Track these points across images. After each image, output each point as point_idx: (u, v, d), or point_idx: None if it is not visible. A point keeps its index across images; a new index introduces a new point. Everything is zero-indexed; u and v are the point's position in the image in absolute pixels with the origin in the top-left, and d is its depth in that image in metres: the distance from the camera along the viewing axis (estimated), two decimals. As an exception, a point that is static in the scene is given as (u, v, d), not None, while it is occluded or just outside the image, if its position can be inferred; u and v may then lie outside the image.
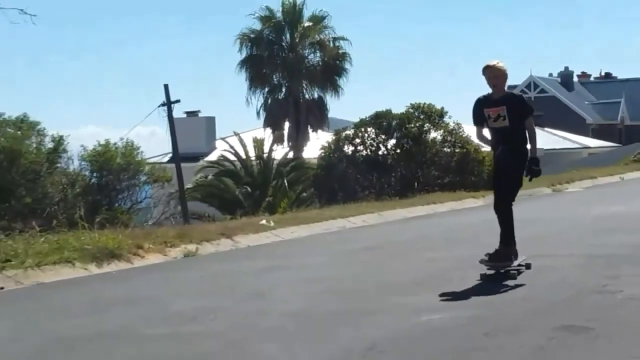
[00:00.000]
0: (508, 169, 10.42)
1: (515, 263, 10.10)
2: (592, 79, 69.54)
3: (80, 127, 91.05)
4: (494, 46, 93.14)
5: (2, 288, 12.27)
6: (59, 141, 29.91)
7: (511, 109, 10.10)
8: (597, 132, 54.10)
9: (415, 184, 25.11)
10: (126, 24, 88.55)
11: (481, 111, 10.42)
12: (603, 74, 69.95)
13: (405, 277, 11.98)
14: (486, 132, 11.02)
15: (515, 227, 11.31)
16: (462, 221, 12.73)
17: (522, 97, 10.73)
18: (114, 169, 29.58)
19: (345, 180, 25.70)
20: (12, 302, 11.91)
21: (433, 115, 27.08)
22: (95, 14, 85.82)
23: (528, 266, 10.34)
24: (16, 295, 12.23)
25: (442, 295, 10.02)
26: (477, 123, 10.81)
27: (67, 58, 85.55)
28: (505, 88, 10.55)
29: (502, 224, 10.39)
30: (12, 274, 12.87)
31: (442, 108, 28.15)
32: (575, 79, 67.05)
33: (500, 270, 10.00)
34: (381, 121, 27.09)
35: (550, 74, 64.30)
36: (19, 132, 28.25)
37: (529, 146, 10.58)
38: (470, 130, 24.70)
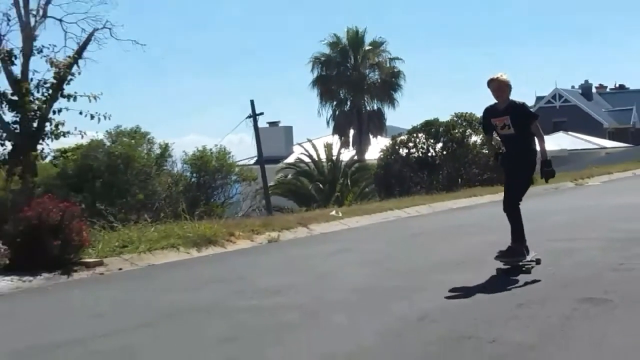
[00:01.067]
0: (518, 173, 10.24)
1: (528, 258, 9.76)
2: (608, 89, 70.47)
3: (182, 135, 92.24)
4: (525, 62, 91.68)
5: (120, 269, 12.65)
6: (165, 148, 30.82)
7: (515, 118, 9.96)
8: (613, 135, 54.50)
9: (459, 180, 26.07)
10: (219, 49, 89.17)
11: (489, 121, 10.39)
12: (617, 85, 69.76)
13: (450, 257, 12.14)
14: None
15: (544, 216, 11.84)
16: (499, 211, 12.90)
17: (524, 105, 10.42)
18: (209, 170, 30.37)
19: (400, 178, 26.30)
20: (128, 280, 12.43)
21: (474, 122, 28.06)
22: (194, 43, 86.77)
23: (538, 261, 9.92)
24: (131, 275, 12.64)
25: (479, 273, 10.08)
26: (487, 132, 11.01)
27: (173, 78, 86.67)
28: (510, 97, 10.40)
29: (512, 223, 10.08)
30: (128, 257, 13.40)
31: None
32: (594, 90, 67.82)
33: (514, 264, 9.78)
34: (430, 128, 28.39)
35: (573, 86, 65.40)
36: (132, 141, 29.14)
37: (539, 149, 10.26)
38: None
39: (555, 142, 44.69)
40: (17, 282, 11.54)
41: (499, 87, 10.11)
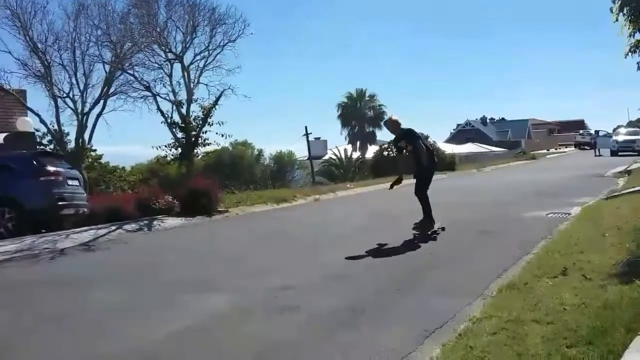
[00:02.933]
0: (418, 175, 8.88)
1: (436, 227, 8.41)
2: (495, 120, 75.71)
3: (270, 143, 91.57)
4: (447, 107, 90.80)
5: (237, 214, 13.01)
6: (260, 151, 31.83)
7: (406, 139, 8.69)
8: (497, 144, 55.23)
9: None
10: (295, 98, 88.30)
11: (397, 143, 9.05)
12: (500, 117, 76.48)
13: (409, 207, 10.97)
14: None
15: (458, 186, 11.63)
16: (435, 184, 12.83)
17: (406, 130, 8.75)
18: (284, 162, 30.90)
19: (383, 167, 26.82)
20: (241, 219, 12.60)
21: (423, 137, 28.24)
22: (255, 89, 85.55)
23: (443, 229, 8.57)
24: (243, 217, 12.90)
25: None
26: (399, 152, 9.23)
27: (262, 113, 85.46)
28: (401, 127, 8.80)
29: (422, 205, 8.57)
30: (240, 208, 13.70)
31: (427, 134, 30.56)
32: (488, 120, 73.44)
33: (423, 233, 8.26)
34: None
35: (476, 118, 72.10)
36: (243, 147, 29.91)
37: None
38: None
39: (467, 148, 49.81)
40: (184, 221, 12.37)
41: (388, 126, 9.18)
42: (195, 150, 16.41)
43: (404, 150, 8.88)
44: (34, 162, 10.83)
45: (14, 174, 10.52)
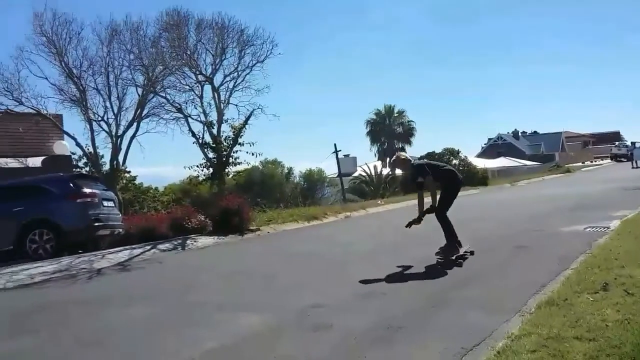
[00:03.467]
0: (440, 200, 7.96)
1: (462, 251, 7.52)
2: (527, 133, 76.48)
3: (299, 161, 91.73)
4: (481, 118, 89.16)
5: (268, 232, 13.12)
6: (290, 169, 32.16)
7: (420, 176, 7.76)
8: (530, 158, 54.55)
9: None
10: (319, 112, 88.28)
11: (414, 181, 7.93)
12: (533, 131, 77.17)
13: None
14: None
15: (484, 205, 11.44)
16: (467, 199, 12.72)
17: (416, 166, 8.00)
18: (313, 180, 31.04)
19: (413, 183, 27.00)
20: (273, 237, 12.65)
21: (454, 152, 30.47)
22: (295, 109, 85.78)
23: (472, 253, 7.73)
24: (274, 235, 12.98)
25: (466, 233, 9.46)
26: (419, 188, 7.84)
27: (287, 130, 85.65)
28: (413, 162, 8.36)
29: (443, 228, 7.72)
30: (272, 226, 13.82)
31: (458, 149, 32.00)
32: (520, 133, 73.43)
33: (447, 259, 7.31)
34: (429, 156, 30.14)
35: (507, 132, 72.36)
36: (272, 166, 30.29)
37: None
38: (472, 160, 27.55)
39: (499, 163, 50.04)
40: (217, 239, 12.58)
41: (401, 163, 8.38)
42: (227, 170, 16.68)
43: (423, 185, 7.86)
44: (71, 185, 11.09)
45: (52, 196, 10.80)
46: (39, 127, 16.35)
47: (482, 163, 36.50)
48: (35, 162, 16.69)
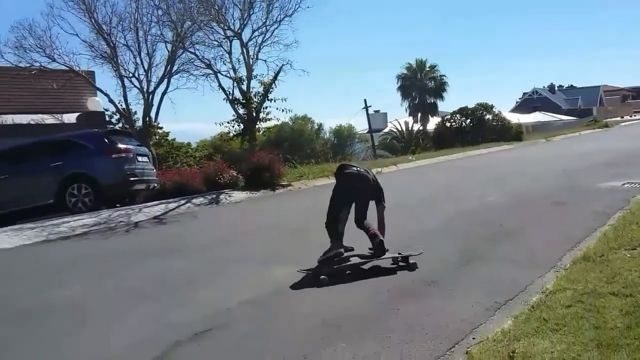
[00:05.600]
0: None
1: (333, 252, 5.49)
2: (564, 87, 73.50)
3: (329, 117, 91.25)
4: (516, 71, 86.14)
5: (299, 187, 13.21)
6: (320, 125, 32.01)
7: None
8: (567, 112, 52.50)
9: (479, 139, 25.46)
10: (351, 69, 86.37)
11: None
12: (569, 85, 74.98)
13: (476, 179, 12.00)
14: None
15: (519, 161, 11.34)
16: (502, 154, 12.48)
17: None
18: (343, 136, 30.89)
19: (446, 138, 26.33)
20: (303, 193, 12.79)
21: (487, 107, 29.37)
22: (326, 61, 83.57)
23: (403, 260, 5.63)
24: (305, 190, 13.09)
25: (493, 191, 9.67)
26: None
27: (318, 84, 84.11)
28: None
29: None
30: (302, 182, 13.96)
31: (492, 104, 30.37)
32: (556, 87, 70.61)
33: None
34: (462, 111, 30.29)
35: (543, 86, 70.19)
36: (302, 122, 29.92)
37: None
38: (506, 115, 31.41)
39: (534, 118, 48.81)
40: (249, 194, 12.68)
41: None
42: (257, 126, 16.67)
43: None
44: (106, 140, 11.24)
45: (89, 151, 11.00)
46: (73, 84, 16.49)
47: (516, 118, 35.69)
48: (71, 118, 16.97)
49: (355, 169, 5.74)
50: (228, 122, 16.15)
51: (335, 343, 3.60)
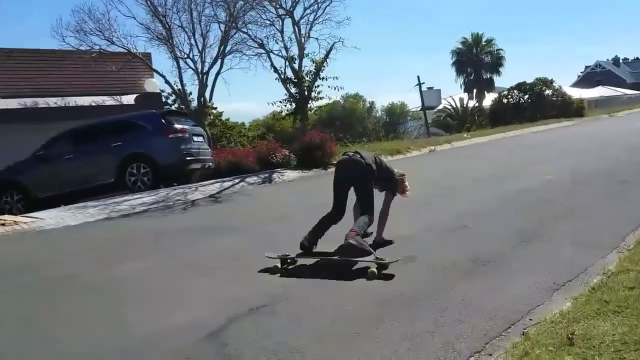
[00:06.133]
0: None
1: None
2: (629, 60, 68.93)
3: (381, 95, 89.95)
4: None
5: None
6: (371, 103, 31.70)
7: None
8: (631, 86, 49.42)
9: (537, 116, 24.52)
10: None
11: None
12: (635, 57, 69.44)
13: (533, 157, 11.80)
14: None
15: (581, 138, 11.19)
16: (562, 131, 12.02)
17: None
18: (396, 114, 30.53)
19: (502, 115, 25.61)
20: None
21: (547, 82, 28.02)
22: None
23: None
24: None
25: (552, 169, 9.40)
26: None
27: (370, 61, 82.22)
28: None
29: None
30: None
31: (552, 79, 29.11)
32: (620, 60, 67.47)
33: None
34: (520, 87, 29.62)
35: (607, 59, 67.18)
36: (353, 100, 29.75)
37: None
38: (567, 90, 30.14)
39: (597, 92, 46.63)
40: (301, 173, 12.69)
41: None
42: (309, 105, 16.73)
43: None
44: (163, 121, 11.52)
45: (147, 132, 11.31)
46: (131, 66, 16.95)
47: (577, 93, 34.24)
48: (129, 99, 17.49)
49: (349, 154, 5.49)
50: (280, 102, 16.35)
51: (388, 321, 3.59)
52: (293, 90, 16.09)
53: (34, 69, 16.07)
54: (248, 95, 60.33)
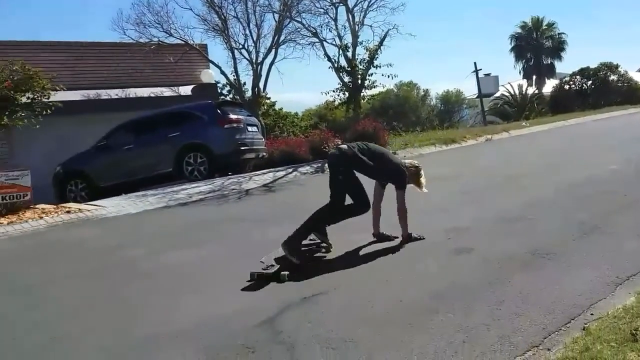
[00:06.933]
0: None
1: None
2: None
3: (435, 83, 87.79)
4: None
5: (404, 156, 13.42)
6: (426, 91, 31.21)
7: None
8: None
9: (602, 102, 23.46)
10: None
11: None
12: None
13: (593, 148, 11.16)
14: None
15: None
16: (627, 118, 11.48)
17: None
18: (451, 102, 29.93)
19: (563, 102, 24.66)
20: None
21: (612, 68, 26.58)
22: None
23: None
24: (408, 159, 12.52)
25: (616, 158, 8.93)
26: None
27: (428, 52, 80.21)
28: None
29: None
30: (408, 150, 13.72)
31: (617, 64, 27.83)
32: None
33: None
34: (584, 72, 28.01)
35: None
36: (408, 88, 29.38)
37: None
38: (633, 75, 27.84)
39: None
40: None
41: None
42: (362, 94, 16.68)
43: None
44: (219, 111, 11.70)
45: (203, 122, 11.53)
46: (187, 57, 17.37)
47: (645, 77, 32.77)
48: (186, 90, 17.91)
49: (336, 146, 5.44)
50: (333, 91, 16.41)
51: (442, 313, 3.55)
52: (346, 78, 16.09)
53: (97, 62, 16.70)
54: (301, 84, 60.63)
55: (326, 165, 5.44)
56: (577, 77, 28.10)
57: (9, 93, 9.87)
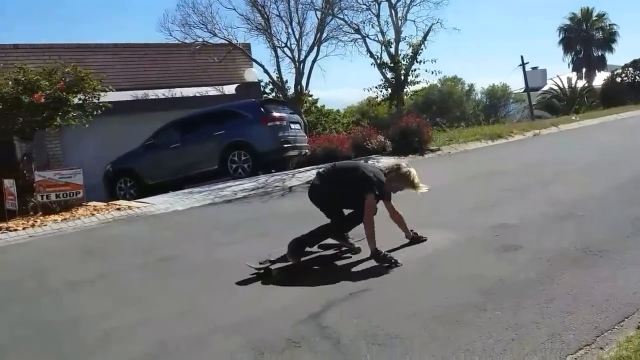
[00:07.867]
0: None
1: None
2: None
3: (480, 77, 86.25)
4: None
5: (448, 152, 12.87)
6: (471, 86, 30.66)
7: None
8: None
9: None
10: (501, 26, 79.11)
11: None
12: None
13: None
14: None
15: None
16: None
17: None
18: (497, 96, 29.28)
19: (615, 95, 23.67)
20: (453, 158, 12.40)
21: None
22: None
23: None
24: (454, 155, 12.63)
25: None
26: None
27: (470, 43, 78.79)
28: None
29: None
30: (452, 146, 13.62)
31: None
32: None
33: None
34: (637, 63, 25.38)
35: None
36: (452, 83, 28.99)
37: None
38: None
39: None
40: (397, 159, 12.27)
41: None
42: (405, 89, 16.56)
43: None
44: (262, 110, 11.89)
45: (247, 120, 11.76)
46: (231, 57, 17.66)
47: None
48: (230, 89, 18.19)
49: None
50: (376, 87, 16.34)
51: (490, 310, 3.51)
52: (389, 75, 16.00)
53: (144, 62, 17.18)
54: (343, 81, 60.58)
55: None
56: (630, 69, 27.11)
57: (62, 94, 10.25)
